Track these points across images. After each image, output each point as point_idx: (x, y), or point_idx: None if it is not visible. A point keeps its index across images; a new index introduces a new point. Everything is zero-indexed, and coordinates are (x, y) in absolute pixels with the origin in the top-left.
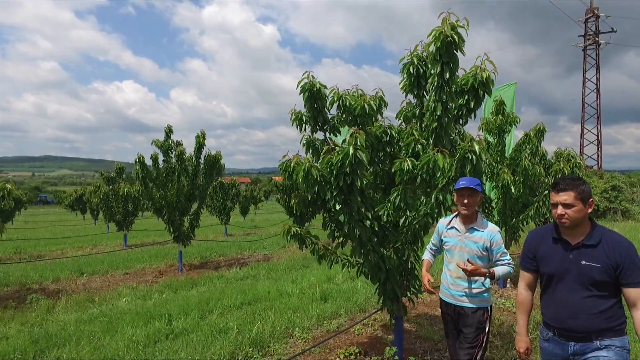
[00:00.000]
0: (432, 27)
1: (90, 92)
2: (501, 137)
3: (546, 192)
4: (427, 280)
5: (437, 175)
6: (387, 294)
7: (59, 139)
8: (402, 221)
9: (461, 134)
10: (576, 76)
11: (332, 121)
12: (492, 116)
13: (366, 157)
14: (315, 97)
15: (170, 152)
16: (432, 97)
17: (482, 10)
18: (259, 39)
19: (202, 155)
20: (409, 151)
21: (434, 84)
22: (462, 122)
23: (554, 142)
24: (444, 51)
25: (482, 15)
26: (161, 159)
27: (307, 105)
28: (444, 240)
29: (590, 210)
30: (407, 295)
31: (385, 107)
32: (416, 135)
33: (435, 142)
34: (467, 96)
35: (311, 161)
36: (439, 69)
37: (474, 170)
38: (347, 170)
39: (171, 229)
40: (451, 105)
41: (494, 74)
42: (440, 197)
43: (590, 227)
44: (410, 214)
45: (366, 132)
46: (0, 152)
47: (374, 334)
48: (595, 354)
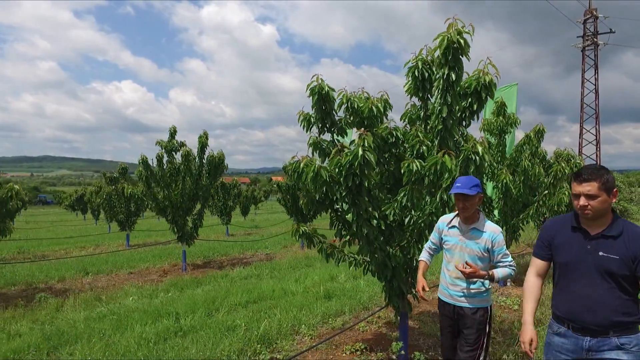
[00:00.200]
0: (431, 27)
1: (89, 92)
2: (502, 137)
3: (546, 192)
4: (422, 287)
5: (444, 176)
6: (393, 291)
7: (58, 139)
8: (408, 220)
9: (464, 135)
10: (575, 76)
11: (340, 123)
12: (493, 117)
13: (374, 158)
14: (323, 100)
15: (174, 152)
16: (437, 100)
17: (481, 10)
18: (257, 39)
19: (205, 155)
20: (414, 152)
21: (440, 87)
22: (465, 124)
23: (553, 141)
24: (450, 56)
25: (481, 15)
26: (165, 159)
27: (316, 107)
28: (444, 239)
29: (614, 200)
30: (412, 292)
31: (390, 110)
32: (421, 137)
33: (440, 143)
34: (470, 99)
35: (318, 162)
36: (445, 73)
37: (476, 170)
38: (357, 171)
39: (175, 229)
40: (456, 108)
41: (496, 77)
42: (445, 196)
43: (612, 218)
44: (415, 213)
45: (373, 134)
46: None
47: (379, 331)
48: (613, 354)
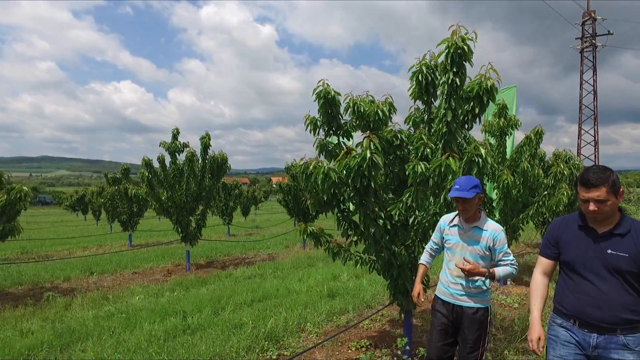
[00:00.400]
0: (430, 27)
1: (87, 93)
2: (502, 139)
3: (545, 192)
4: (419, 293)
5: (448, 178)
6: (398, 289)
7: (57, 140)
8: (412, 220)
9: (467, 138)
10: (574, 76)
11: (345, 126)
12: (494, 119)
13: (381, 160)
14: (330, 104)
15: (177, 153)
16: (442, 104)
17: (479, 10)
18: (256, 39)
19: (207, 156)
20: (418, 154)
21: (444, 92)
22: (467, 127)
23: (552, 142)
24: (454, 61)
25: (479, 15)
26: (168, 160)
27: (322, 111)
28: (446, 238)
29: (621, 200)
30: None
31: (394, 113)
32: (425, 139)
33: (444, 146)
34: (472, 103)
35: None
36: (450, 78)
37: (479, 172)
38: (365, 172)
39: (179, 229)
40: (459, 111)
41: (497, 82)
42: (448, 197)
43: (619, 216)
44: (419, 213)
45: (379, 137)
46: None
47: (383, 329)
48: (619, 355)
